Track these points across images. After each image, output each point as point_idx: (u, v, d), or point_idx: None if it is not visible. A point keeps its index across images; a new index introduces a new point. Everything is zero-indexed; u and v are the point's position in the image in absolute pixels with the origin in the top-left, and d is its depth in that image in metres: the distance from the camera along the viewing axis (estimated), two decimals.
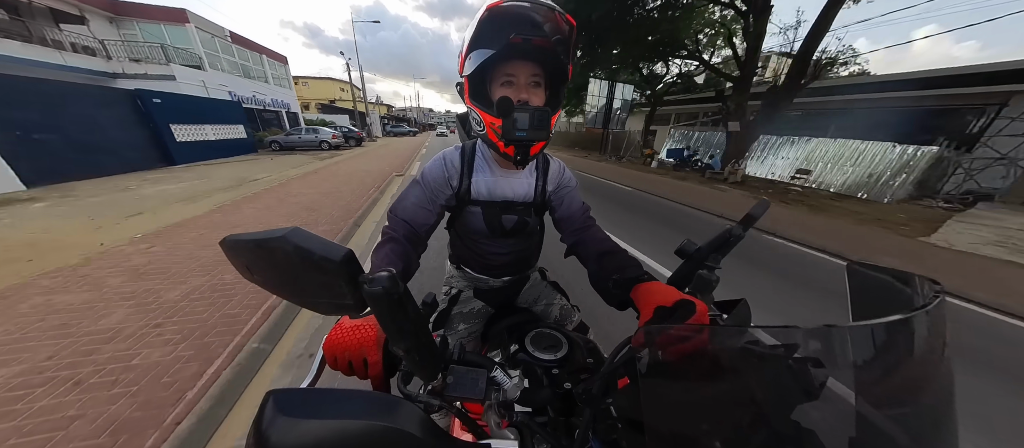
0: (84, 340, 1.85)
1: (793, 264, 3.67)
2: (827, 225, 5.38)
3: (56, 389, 1.50)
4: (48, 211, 4.51)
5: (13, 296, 2.28)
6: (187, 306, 2.21)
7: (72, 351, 1.76)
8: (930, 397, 0.28)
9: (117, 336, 1.89)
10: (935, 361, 0.28)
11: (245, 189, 6.10)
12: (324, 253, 0.24)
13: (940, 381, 0.28)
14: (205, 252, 3.12)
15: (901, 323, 0.26)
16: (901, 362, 0.27)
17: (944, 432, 0.27)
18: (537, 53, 0.65)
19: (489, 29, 0.62)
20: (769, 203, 0.60)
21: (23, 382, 1.54)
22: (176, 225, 3.93)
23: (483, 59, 0.65)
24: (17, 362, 1.66)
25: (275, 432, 0.22)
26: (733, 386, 0.29)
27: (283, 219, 4.32)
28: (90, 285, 2.47)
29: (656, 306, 0.48)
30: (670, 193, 7.47)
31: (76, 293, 2.34)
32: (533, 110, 0.64)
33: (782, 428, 0.27)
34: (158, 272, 2.69)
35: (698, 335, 0.29)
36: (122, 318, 2.07)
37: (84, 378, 1.58)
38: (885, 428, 0.26)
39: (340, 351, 0.42)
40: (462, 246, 0.94)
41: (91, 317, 2.07)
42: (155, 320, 2.05)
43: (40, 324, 1.99)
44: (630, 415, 0.39)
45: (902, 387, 0.27)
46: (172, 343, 1.86)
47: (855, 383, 0.26)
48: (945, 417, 0.28)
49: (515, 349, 0.57)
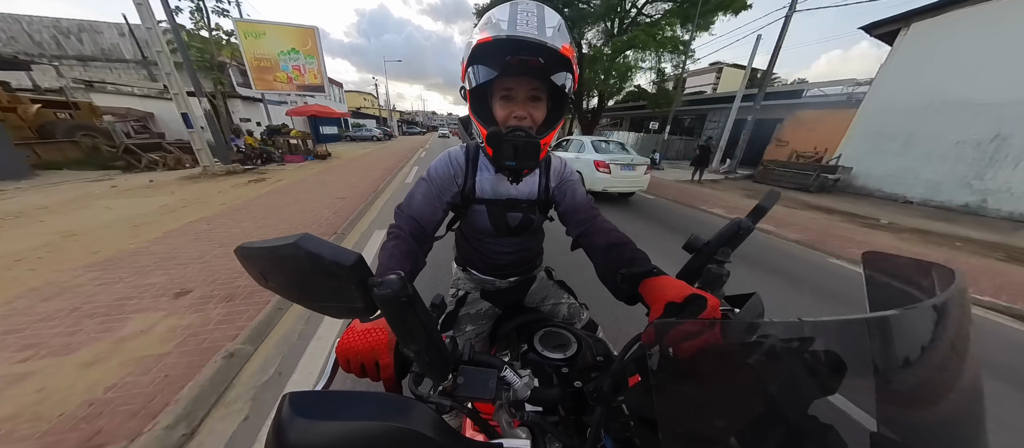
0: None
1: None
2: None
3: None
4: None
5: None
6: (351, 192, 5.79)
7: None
8: (954, 389, 0.27)
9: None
10: (957, 352, 0.27)
11: (360, 152, 14.50)
12: (334, 258, 0.24)
13: (964, 372, 0.27)
14: (356, 176, 7.14)
15: (920, 313, 0.25)
16: (921, 354, 0.26)
17: (971, 426, 0.26)
18: (535, 70, 0.65)
19: (487, 48, 0.61)
20: (779, 194, 0.59)
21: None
22: (352, 158, 11.05)
23: (481, 80, 0.65)
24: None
25: (293, 433, 0.22)
26: (747, 381, 0.28)
27: (391, 156, 11.11)
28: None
29: (666, 302, 0.48)
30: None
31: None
32: (522, 143, 0.64)
33: (800, 423, 0.26)
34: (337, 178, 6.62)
35: (709, 330, 0.29)
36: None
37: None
38: (908, 421, 0.26)
39: (353, 354, 0.42)
40: (468, 247, 0.95)
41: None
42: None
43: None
44: (642, 413, 0.39)
45: (924, 379, 0.26)
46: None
47: (875, 376, 0.25)
48: (971, 410, 0.27)
49: (524, 349, 0.57)
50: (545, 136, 0.68)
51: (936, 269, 0.31)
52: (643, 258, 0.63)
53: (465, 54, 0.66)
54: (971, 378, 0.27)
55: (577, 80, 0.69)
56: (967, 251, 4.41)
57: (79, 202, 4.91)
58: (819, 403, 0.27)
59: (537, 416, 0.42)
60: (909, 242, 4.78)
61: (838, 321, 0.24)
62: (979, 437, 0.26)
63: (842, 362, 0.26)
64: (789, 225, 5.09)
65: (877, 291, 0.36)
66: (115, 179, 6.72)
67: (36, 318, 1.91)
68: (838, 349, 0.26)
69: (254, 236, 4.06)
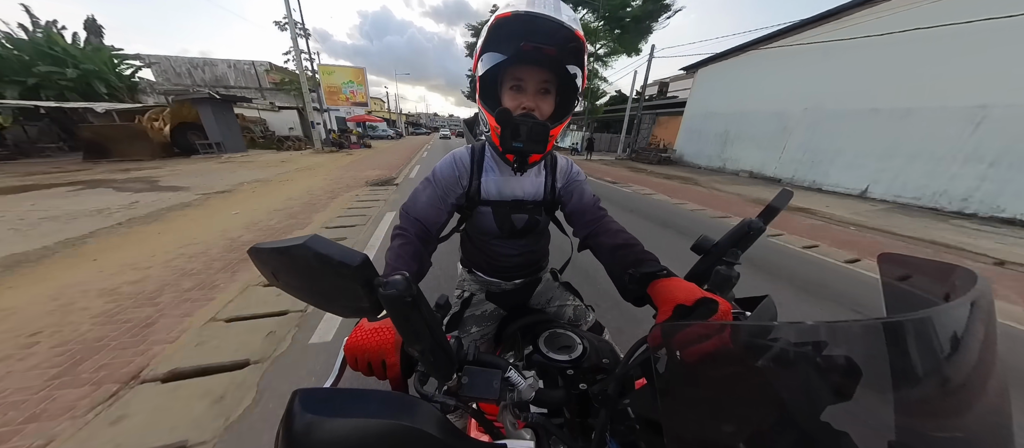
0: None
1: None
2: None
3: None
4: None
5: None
6: (397, 159, 13.48)
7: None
8: (979, 400, 0.26)
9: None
10: (982, 360, 0.26)
11: (386, 146, 23.15)
12: (342, 258, 0.24)
13: (988, 379, 0.26)
14: (393, 156, 15.06)
15: (940, 317, 0.24)
16: (943, 361, 0.25)
17: (997, 441, 0.25)
18: (547, 60, 0.65)
19: (502, 33, 0.62)
20: (792, 193, 0.58)
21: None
22: (384, 148, 20.01)
23: (494, 63, 0.66)
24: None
25: (303, 429, 0.23)
26: (756, 386, 0.27)
27: (407, 148, 20.32)
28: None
29: (676, 304, 0.47)
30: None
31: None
32: (531, 124, 0.64)
33: (811, 430, 0.26)
34: (383, 156, 14.77)
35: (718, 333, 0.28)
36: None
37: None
38: (928, 432, 0.24)
39: (360, 352, 0.43)
40: (473, 249, 0.95)
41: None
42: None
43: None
44: (648, 416, 0.38)
45: (946, 388, 0.25)
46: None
47: (892, 382, 0.24)
48: (998, 423, 0.26)
49: (529, 350, 0.56)
50: (553, 128, 0.68)
51: (956, 271, 0.30)
52: (652, 259, 0.62)
53: (480, 39, 0.66)
54: (997, 389, 0.26)
55: (585, 79, 0.69)
56: (699, 186, 9.38)
57: (288, 158, 11.47)
58: (834, 409, 0.26)
59: (542, 418, 0.41)
60: (673, 181, 10.02)
61: (854, 324, 0.23)
62: (1005, 442, 0.25)
63: (857, 367, 0.25)
64: (614, 176, 10.68)
65: (894, 292, 0.35)
66: (279, 154, 13.04)
67: (319, 194, 6.05)
68: (853, 353, 0.25)
69: (367, 170, 9.09)
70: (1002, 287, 3.21)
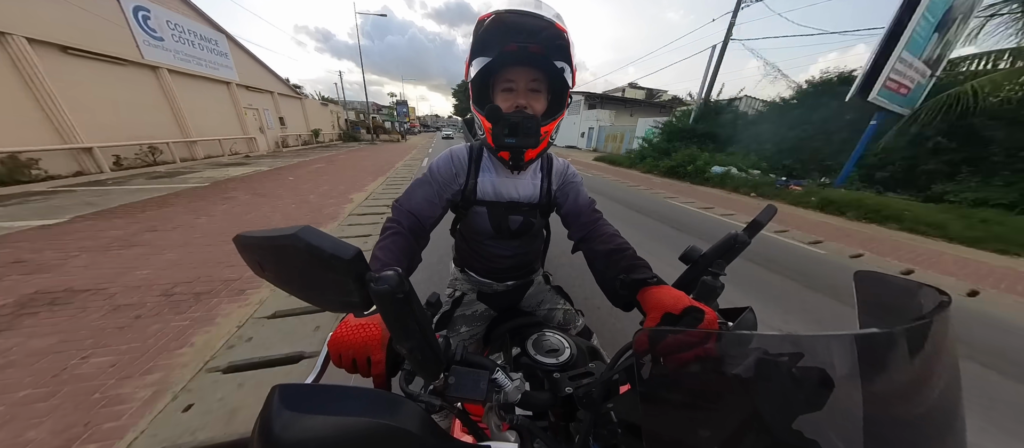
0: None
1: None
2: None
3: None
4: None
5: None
6: (427, 141, 29.90)
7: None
8: (937, 405, 0.28)
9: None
10: (942, 369, 0.28)
11: (410, 139, 38.87)
12: (334, 251, 0.24)
13: (947, 389, 0.28)
14: (422, 140, 33.63)
15: (907, 332, 0.25)
16: (908, 371, 0.26)
17: (951, 439, 0.27)
18: (534, 59, 0.66)
19: (487, 37, 0.63)
20: (776, 209, 0.59)
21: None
22: (413, 140, 35.13)
23: (482, 66, 0.67)
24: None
25: (280, 426, 0.22)
26: (734, 394, 0.28)
27: (423, 139, 37.47)
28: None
29: (664, 312, 0.48)
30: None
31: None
32: (521, 118, 0.65)
33: (784, 438, 0.27)
34: (418, 141, 33.29)
35: (701, 342, 0.29)
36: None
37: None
38: (893, 438, 0.26)
39: (345, 348, 0.42)
40: (467, 249, 0.95)
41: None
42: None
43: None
44: (630, 420, 0.39)
45: (909, 396, 0.27)
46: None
47: (862, 392, 0.26)
48: (952, 425, 0.27)
49: (517, 352, 0.56)
50: (544, 124, 0.68)
51: (925, 290, 0.32)
52: (643, 266, 0.63)
53: (469, 45, 0.68)
54: (953, 393, 0.27)
55: (574, 76, 0.70)
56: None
57: (395, 144, 25.60)
58: (806, 418, 0.27)
59: (526, 420, 0.41)
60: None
61: (827, 337, 0.24)
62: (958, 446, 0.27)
63: (829, 379, 0.26)
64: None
65: (867, 308, 0.37)
66: (387, 141, 29.06)
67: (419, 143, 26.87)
68: (826, 365, 0.26)
69: (421, 143, 27.82)
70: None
